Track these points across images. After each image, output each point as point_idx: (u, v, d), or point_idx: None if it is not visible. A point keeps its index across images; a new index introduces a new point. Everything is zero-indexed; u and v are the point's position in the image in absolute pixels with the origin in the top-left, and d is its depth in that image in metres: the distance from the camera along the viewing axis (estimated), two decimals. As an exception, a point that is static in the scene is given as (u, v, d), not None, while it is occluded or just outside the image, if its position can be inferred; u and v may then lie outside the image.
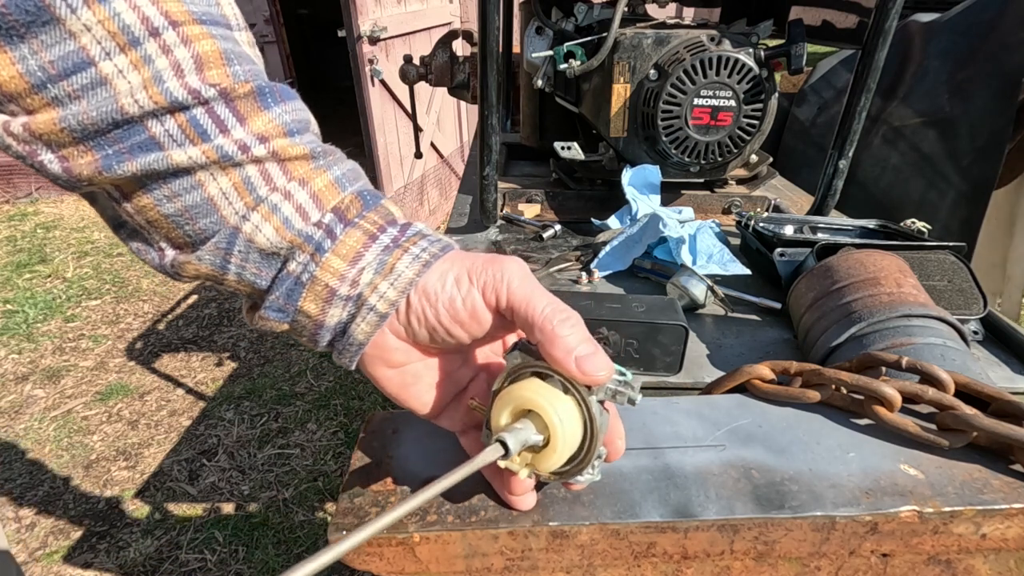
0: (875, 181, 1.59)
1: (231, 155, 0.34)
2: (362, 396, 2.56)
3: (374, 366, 0.40)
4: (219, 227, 0.35)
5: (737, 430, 0.48)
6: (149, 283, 3.48)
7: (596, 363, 0.35)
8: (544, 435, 0.36)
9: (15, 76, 0.30)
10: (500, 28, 0.99)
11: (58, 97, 0.31)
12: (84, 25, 0.30)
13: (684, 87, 1.04)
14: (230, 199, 0.35)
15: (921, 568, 0.44)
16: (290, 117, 0.36)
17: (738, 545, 0.41)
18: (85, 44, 0.30)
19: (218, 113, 0.33)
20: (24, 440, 2.32)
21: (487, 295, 0.37)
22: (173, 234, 0.36)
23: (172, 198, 0.34)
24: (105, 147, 0.32)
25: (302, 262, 0.36)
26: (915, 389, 0.48)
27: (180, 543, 1.89)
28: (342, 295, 0.36)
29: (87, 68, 0.30)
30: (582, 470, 0.38)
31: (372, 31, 3.32)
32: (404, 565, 0.40)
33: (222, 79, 0.33)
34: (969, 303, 0.79)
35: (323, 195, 0.37)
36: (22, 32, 0.29)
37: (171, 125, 0.32)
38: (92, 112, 0.31)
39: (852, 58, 1.79)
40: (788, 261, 0.88)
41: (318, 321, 0.37)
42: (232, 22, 0.37)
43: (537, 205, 1.26)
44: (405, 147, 3.96)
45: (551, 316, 0.36)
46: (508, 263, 0.38)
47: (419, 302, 0.37)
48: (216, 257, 0.36)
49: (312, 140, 0.37)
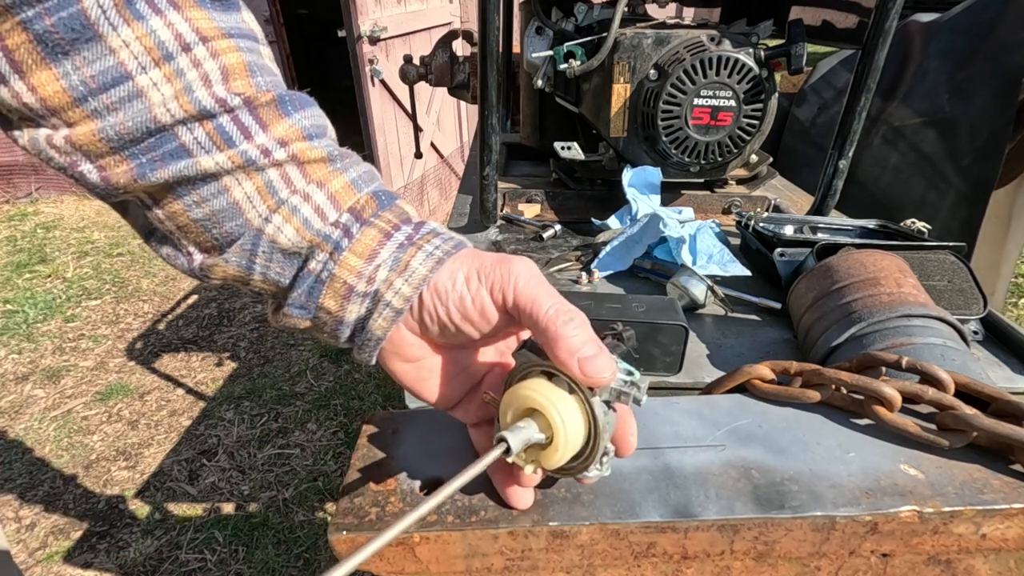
0: (875, 181, 1.59)
1: (254, 159, 0.36)
2: (362, 396, 2.56)
3: (391, 360, 0.41)
4: (244, 230, 0.37)
5: (737, 430, 0.48)
6: (149, 283, 3.48)
7: (599, 364, 0.35)
8: (547, 434, 0.36)
9: (59, 91, 0.32)
10: (500, 28, 0.99)
11: (97, 110, 0.33)
12: (123, 41, 0.32)
13: (684, 87, 1.04)
14: (254, 202, 0.37)
15: (921, 568, 0.44)
16: (308, 122, 0.38)
17: (738, 545, 0.41)
18: (123, 59, 0.32)
19: (242, 120, 0.35)
20: (24, 440, 2.32)
21: (495, 294, 0.38)
22: (201, 238, 0.38)
23: (200, 203, 0.36)
24: (139, 156, 0.34)
25: (321, 260, 0.38)
26: (915, 389, 0.48)
27: (180, 543, 1.89)
28: (360, 291, 0.38)
29: (125, 81, 0.32)
30: (587, 467, 0.38)
31: (372, 31, 3.32)
32: (404, 565, 0.40)
33: (246, 88, 0.35)
34: (969, 303, 0.79)
35: (340, 196, 0.38)
36: (67, 49, 0.31)
37: (200, 133, 0.34)
38: (128, 122, 0.33)
39: (852, 58, 1.79)
40: (788, 261, 0.88)
41: (338, 317, 0.39)
42: (258, 37, 0.39)
43: (537, 205, 1.26)
44: (405, 147, 3.96)
45: (555, 316, 0.36)
46: (516, 263, 0.38)
47: (431, 299, 0.38)
48: (242, 258, 0.38)
49: (329, 144, 0.39)
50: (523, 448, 0.36)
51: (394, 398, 2.56)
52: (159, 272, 3.60)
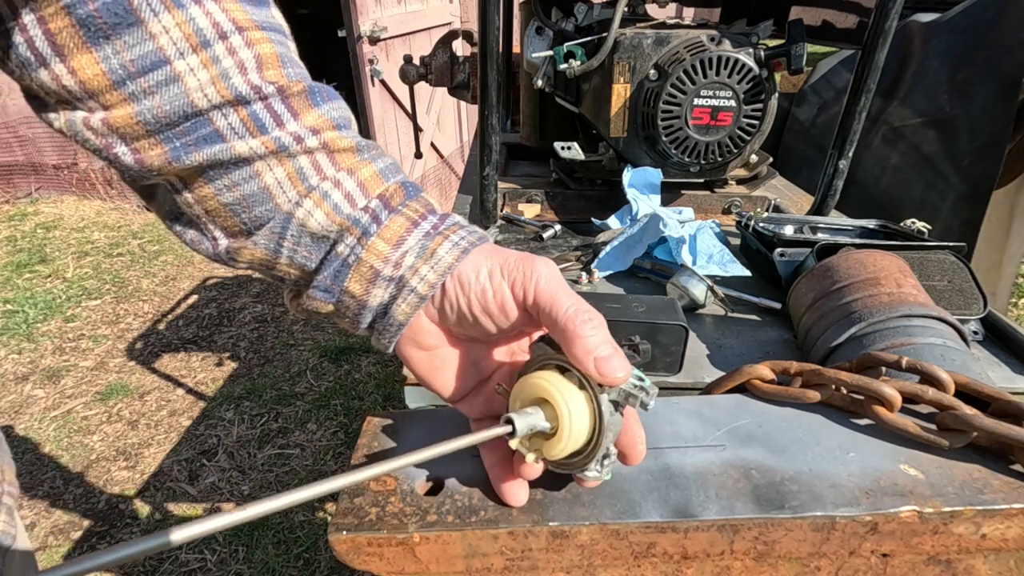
0: (875, 181, 1.59)
1: (287, 146, 0.37)
2: (362, 396, 2.56)
3: (407, 346, 0.42)
4: (273, 214, 0.38)
5: (737, 430, 0.48)
6: (149, 283, 3.48)
7: (614, 365, 0.36)
8: (553, 424, 0.37)
9: (98, 74, 0.33)
10: (500, 28, 0.99)
11: (135, 93, 0.34)
12: (163, 27, 0.33)
13: (684, 87, 1.04)
14: (284, 188, 0.38)
15: (921, 568, 0.44)
16: (337, 114, 0.39)
17: (738, 545, 0.41)
18: (163, 45, 0.33)
19: (275, 108, 0.36)
20: (24, 440, 2.32)
21: (516, 290, 0.39)
22: (229, 222, 0.39)
23: (232, 187, 0.37)
24: (174, 140, 0.35)
25: (349, 244, 0.39)
26: (915, 389, 0.48)
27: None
28: (385, 276, 0.39)
29: (163, 66, 0.33)
30: (587, 464, 0.38)
31: (372, 31, 3.32)
32: (404, 565, 0.40)
33: (279, 78, 0.37)
34: (969, 303, 0.79)
35: (369, 184, 0.40)
36: (108, 34, 0.32)
37: (234, 119, 0.35)
38: (166, 106, 0.34)
39: (852, 58, 1.79)
40: (788, 261, 0.88)
41: (361, 301, 0.40)
42: (286, 31, 0.40)
43: (537, 205, 1.26)
44: (405, 147, 3.96)
45: (575, 316, 0.37)
46: (539, 263, 0.39)
47: (454, 289, 0.39)
48: (270, 241, 0.39)
49: (355, 135, 0.41)
50: (527, 433, 0.37)
51: (394, 398, 2.56)
52: (159, 272, 3.60)
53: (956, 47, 1.43)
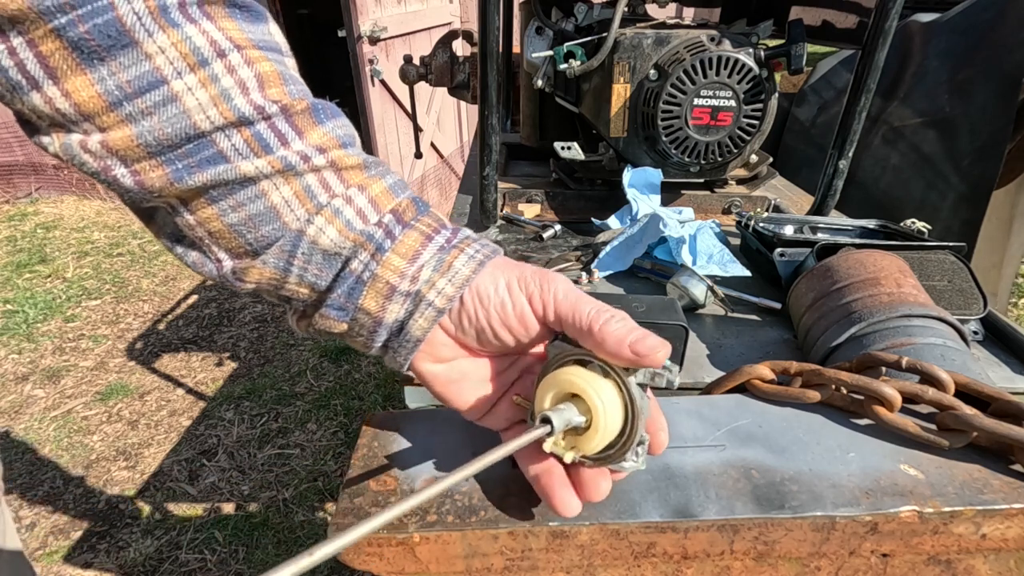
0: (875, 181, 1.59)
1: (293, 165, 0.36)
2: (362, 396, 2.56)
3: (422, 362, 0.41)
4: (281, 233, 0.37)
5: (737, 430, 0.48)
6: (149, 283, 3.48)
7: (651, 343, 0.36)
8: (587, 417, 0.37)
9: (94, 96, 0.32)
10: (500, 28, 0.99)
11: (132, 114, 0.33)
12: (159, 47, 0.33)
13: (684, 87, 1.04)
14: (292, 206, 0.37)
15: (921, 568, 0.44)
16: (342, 131, 0.39)
17: (738, 545, 0.41)
18: (159, 64, 0.33)
19: (279, 128, 0.36)
20: (24, 440, 2.32)
21: (534, 304, 0.39)
22: (233, 243, 0.38)
23: (237, 208, 0.36)
24: (176, 161, 0.34)
25: (363, 260, 0.38)
26: (915, 389, 0.48)
27: (180, 543, 1.89)
28: (402, 291, 0.38)
29: (160, 86, 0.33)
30: (625, 453, 0.38)
31: (372, 31, 3.32)
32: (404, 565, 0.40)
33: (282, 96, 0.36)
34: (969, 303, 0.79)
35: (380, 200, 0.39)
36: (103, 55, 0.32)
37: (237, 140, 0.35)
38: (167, 128, 0.33)
39: (852, 58, 1.79)
40: (788, 261, 0.88)
41: (377, 318, 0.39)
42: (283, 49, 0.39)
43: (537, 205, 1.26)
44: (405, 147, 3.96)
45: (597, 316, 0.37)
46: (555, 277, 0.40)
47: (472, 302, 0.39)
48: (280, 260, 0.38)
49: (361, 152, 0.40)
50: (565, 429, 0.37)
51: (394, 398, 2.56)
52: (159, 272, 3.60)
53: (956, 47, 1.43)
